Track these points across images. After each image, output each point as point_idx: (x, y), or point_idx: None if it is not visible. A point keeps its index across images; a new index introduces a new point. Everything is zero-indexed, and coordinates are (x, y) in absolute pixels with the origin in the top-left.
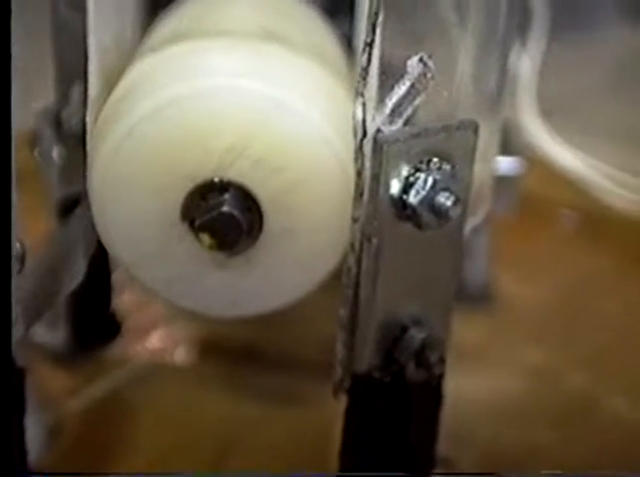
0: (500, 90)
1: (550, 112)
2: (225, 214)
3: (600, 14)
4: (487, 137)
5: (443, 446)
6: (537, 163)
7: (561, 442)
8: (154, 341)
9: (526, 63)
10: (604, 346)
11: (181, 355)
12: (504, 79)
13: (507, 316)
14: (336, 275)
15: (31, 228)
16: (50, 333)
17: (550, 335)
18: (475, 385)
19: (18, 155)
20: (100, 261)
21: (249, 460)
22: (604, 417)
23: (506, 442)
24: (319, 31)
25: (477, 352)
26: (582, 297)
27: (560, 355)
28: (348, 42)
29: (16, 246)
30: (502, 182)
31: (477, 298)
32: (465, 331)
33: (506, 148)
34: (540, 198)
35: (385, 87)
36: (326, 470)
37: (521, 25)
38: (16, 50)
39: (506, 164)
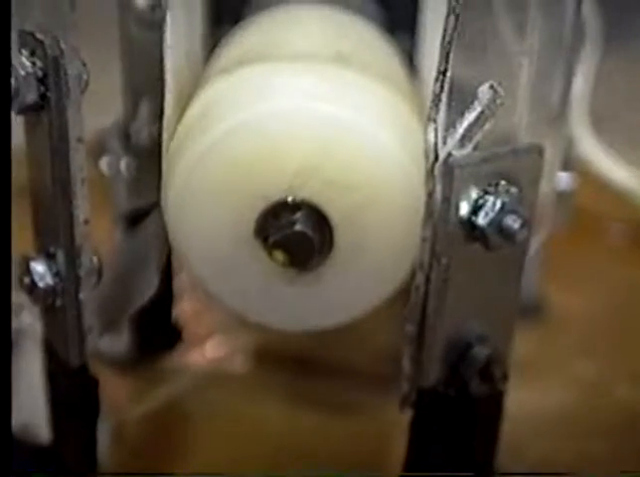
0: (562, 109)
1: (599, 124)
2: (297, 232)
3: None
4: (550, 156)
5: (498, 457)
6: (588, 176)
7: (613, 454)
8: (213, 349)
9: (579, 77)
10: None
11: (238, 363)
12: (566, 99)
13: (557, 329)
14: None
15: (96, 239)
16: (112, 340)
17: (600, 347)
18: (525, 397)
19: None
20: (163, 272)
21: (305, 470)
22: None
23: (557, 455)
24: (385, 51)
25: (527, 364)
26: (632, 310)
27: (610, 367)
28: (409, 58)
29: (94, 260)
30: (558, 197)
31: (528, 311)
32: (517, 343)
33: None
34: (590, 211)
35: (455, 113)
36: None
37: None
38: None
39: (561, 178)
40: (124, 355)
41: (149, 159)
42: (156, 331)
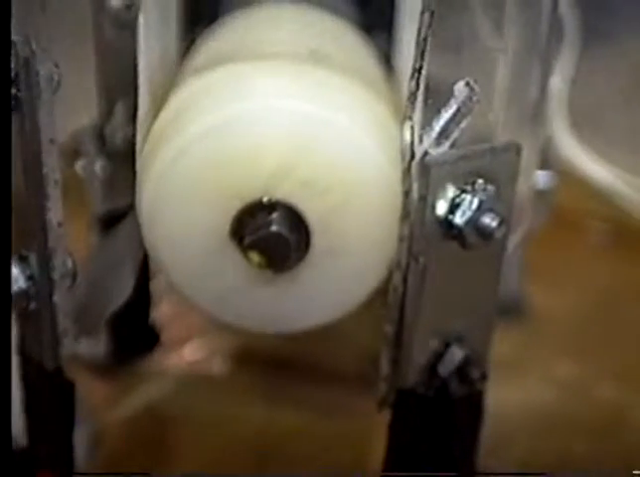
0: (540, 108)
1: (576, 124)
2: (273, 233)
3: (618, 26)
4: (528, 155)
5: (479, 456)
6: (567, 176)
7: (594, 453)
8: (191, 352)
9: (557, 76)
10: (636, 357)
11: (217, 366)
12: (544, 97)
13: (538, 328)
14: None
15: (71, 241)
16: (90, 344)
17: (581, 347)
18: (507, 396)
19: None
20: (141, 274)
21: (287, 471)
22: (636, 428)
23: (539, 454)
24: (362, 50)
25: (509, 364)
26: (614, 309)
27: (592, 367)
28: (385, 58)
29: (68, 262)
30: (536, 195)
31: (508, 310)
32: (497, 343)
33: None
34: (570, 210)
35: (431, 111)
36: None
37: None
38: (60, 67)
39: (540, 178)
40: (103, 358)
41: (124, 161)
42: (134, 334)
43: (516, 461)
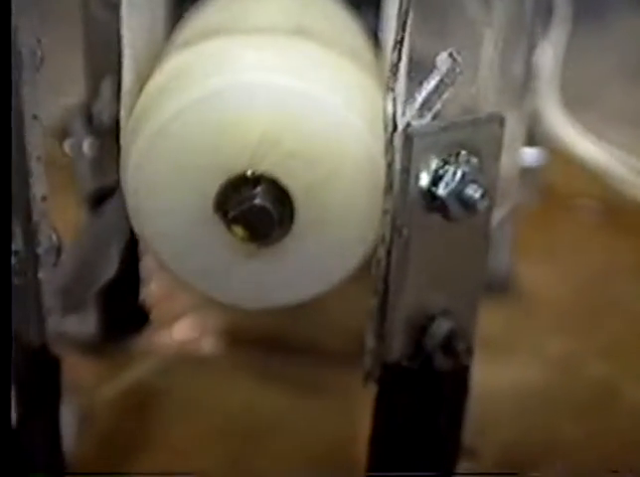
0: (526, 82)
1: (569, 101)
2: (257, 206)
3: (612, 2)
4: (513, 129)
5: (467, 435)
6: (558, 153)
7: (585, 432)
8: (181, 330)
9: (548, 53)
10: (625, 335)
11: (208, 344)
12: (530, 71)
13: (529, 306)
14: (363, 266)
15: (61, 220)
16: (79, 322)
17: (571, 325)
18: (496, 374)
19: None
20: (130, 252)
21: (276, 448)
22: (626, 406)
23: (529, 433)
24: (348, 25)
25: (499, 342)
26: (603, 287)
27: (582, 344)
28: (373, 34)
29: (52, 238)
30: (524, 173)
31: (499, 288)
32: (487, 321)
33: (528, 139)
34: (561, 188)
35: (414, 82)
36: (353, 457)
37: (543, 15)
38: (46, 46)
39: (528, 155)
40: (93, 337)
41: (112, 139)
42: (124, 313)
43: (505, 439)
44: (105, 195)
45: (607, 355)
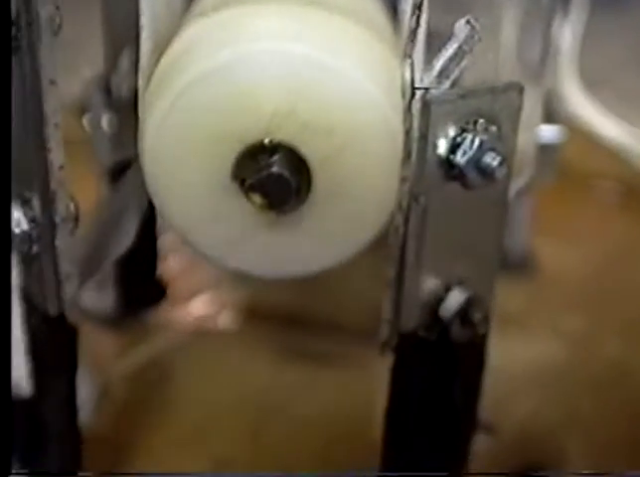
0: (543, 59)
1: (590, 82)
2: (274, 174)
3: None
4: (530, 105)
5: (484, 410)
6: (577, 133)
7: (601, 409)
8: (198, 306)
9: (567, 33)
10: None
11: (224, 320)
12: (547, 49)
13: (546, 284)
14: (381, 238)
15: (82, 193)
16: (97, 297)
17: (588, 302)
18: (514, 352)
19: (67, 123)
20: (147, 227)
21: (292, 424)
22: None
23: (545, 409)
24: None
25: (516, 319)
26: (621, 265)
27: (599, 322)
28: (393, 5)
29: (70, 206)
30: (543, 150)
31: (517, 267)
32: (505, 299)
33: (548, 118)
34: (580, 167)
35: (432, 50)
36: (371, 430)
37: None
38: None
39: (548, 132)
40: (110, 312)
41: (130, 113)
42: (141, 288)
43: (522, 414)
44: (124, 168)
45: (624, 332)
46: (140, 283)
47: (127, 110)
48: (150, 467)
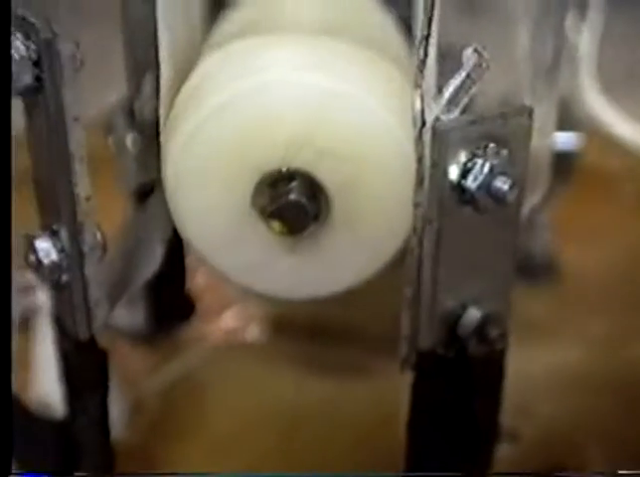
0: (556, 64)
1: (609, 85)
2: (292, 201)
3: None
4: (544, 112)
5: (508, 418)
6: (597, 135)
7: (624, 412)
8: (227, 320)
9: (585, 37)
10: None
11: (253, 333)
12: (560, 53)
13: (570, 289)
14: (402, 253)
15: (107, 215)
16: (128, 315)
17: (612, 306)
18: (539, 357)
19: (92, 143)
20: (176, 245)
21: (319, 435)
22: None
23: (567, 413)
24: (380, 20)
25: (541, 324)
26: None
27: (623, 326)
28: (406, 25)
29: (97, 236)
30: (560, 157)
31: (540, 271)
32: (529, 304)
33: (566, 123)
34: (600, 170)
35: (442, 78)
36: (393, 443)
37: None
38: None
39: (564, 139)
40: (141, 328)
41: (153, 135)
42: (171, 304)
43: (546, 420)
44: (149, 189)
45: None
46: (170, 299)
47: (150, 133)
48: None
